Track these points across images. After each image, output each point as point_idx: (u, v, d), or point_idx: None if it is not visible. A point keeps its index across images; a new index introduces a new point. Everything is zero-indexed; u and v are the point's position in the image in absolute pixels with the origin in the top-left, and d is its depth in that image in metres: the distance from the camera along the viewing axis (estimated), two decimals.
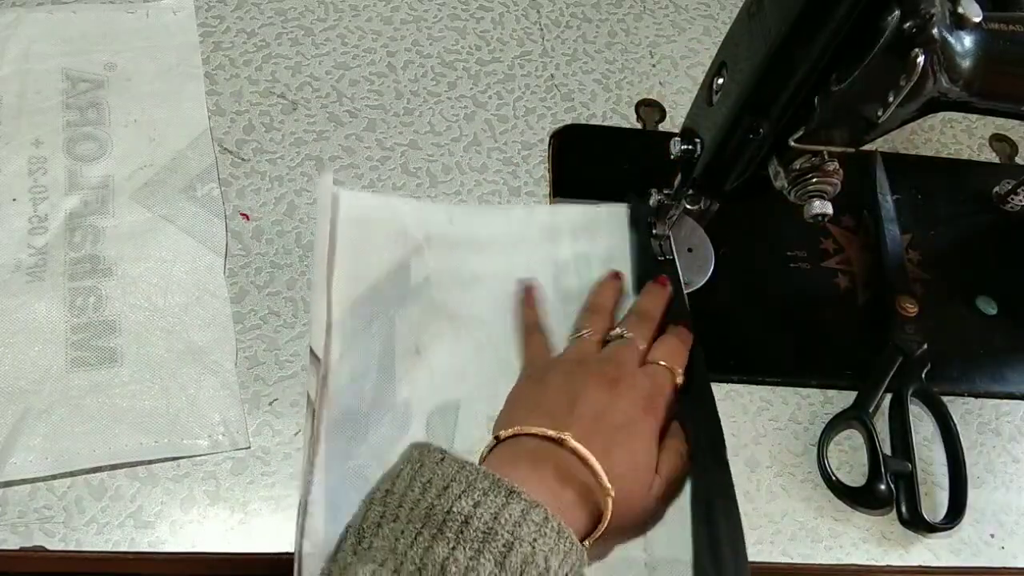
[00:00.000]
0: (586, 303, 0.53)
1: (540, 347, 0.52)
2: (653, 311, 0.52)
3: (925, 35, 0.38)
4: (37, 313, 0.51)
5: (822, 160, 0.45)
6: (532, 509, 0.38)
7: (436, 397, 0.51)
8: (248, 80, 0.63)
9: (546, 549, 0.37)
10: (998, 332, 0.58)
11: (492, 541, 0.36)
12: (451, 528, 0.37)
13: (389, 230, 0.55)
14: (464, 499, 0.38)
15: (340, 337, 0.50)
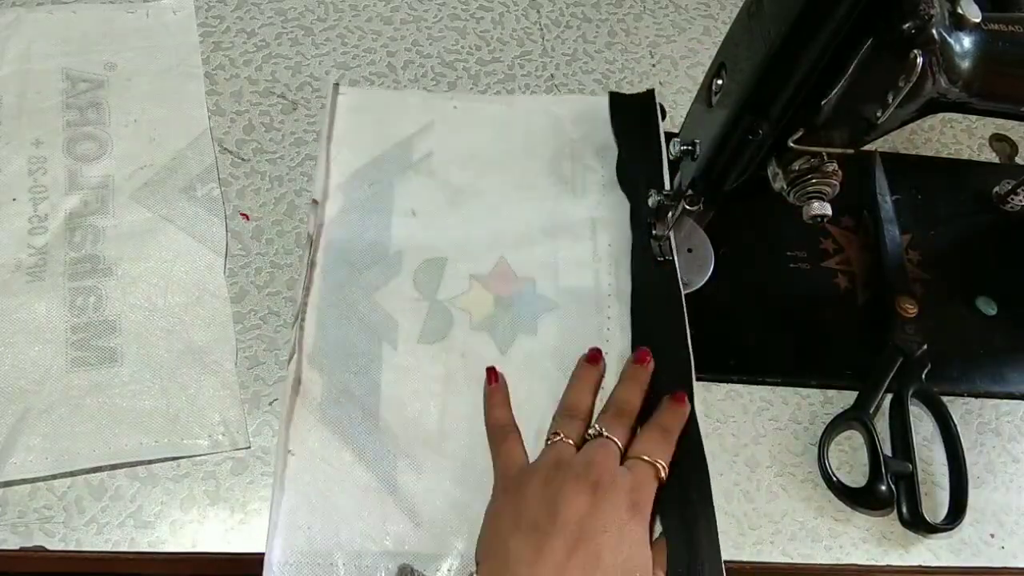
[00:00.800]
0: (563, 402, 0.50)
1: (514, 452, 0.48)
2: (631, 402, 0.49)
3: (924, 36, 0.39)
4: (37, 313, 0.51)
5: (821, 161, 0.44)
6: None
7: (425, 253, 0.56)
8: (248, 80, 0.63)
9: None
10: (998, 332, 0.58)
11: None
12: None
13: (393, 112, 0.62)
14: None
15: (341, 195, 0.58)
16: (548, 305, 0.55)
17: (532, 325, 0.54)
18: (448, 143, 0.61)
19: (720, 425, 0.52)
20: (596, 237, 0.58)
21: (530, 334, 0.54)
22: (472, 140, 0.62)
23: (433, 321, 0.54)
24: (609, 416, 0.48)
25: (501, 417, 0.50)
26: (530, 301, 0.55)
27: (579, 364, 0.52)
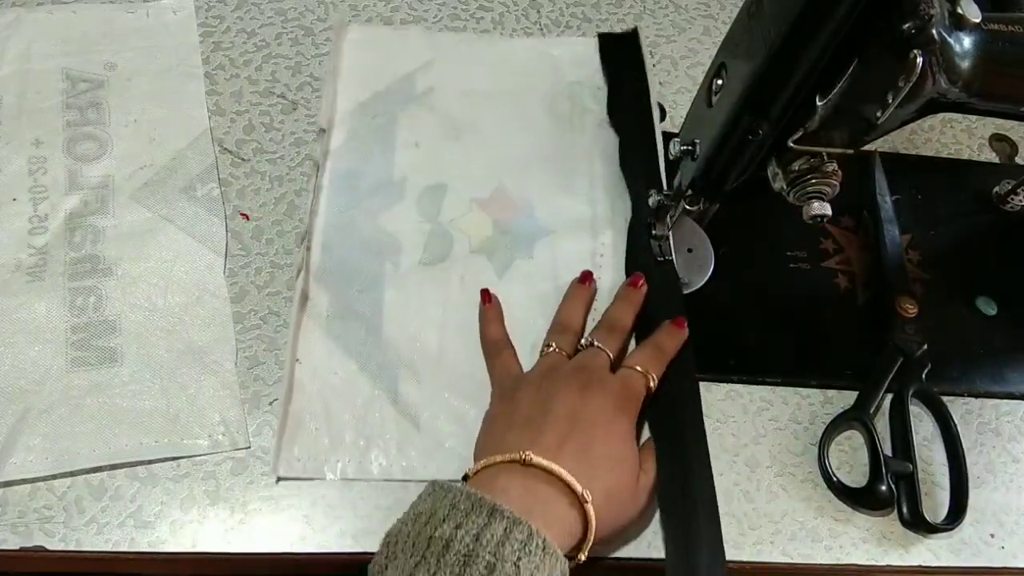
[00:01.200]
0: (555, 318, 0.53)
1: (509, 365, 0.51)
2: (623, 320, 0.52)
3: (924, 36, 0.38)
4: (37, 313, 0.51)
5: (821, 161, 0.44)
6: (515, 527, 0.38)
7: (428, 180, 0.59)
8: (248, 80, 0.63)
9: (531, 567, 0.37)
10: (998, 332, 0.58)
11: (473, 564, 0.36)
12: (432, 554, 0.37)
13: (397, 47, 0.65)
14: (447, 523, 0.38)
15: (346, 126, 0.60)
16: (544, 231, 0.58)
17: (529, 249, 0.57)
18: (448, 79, 0.64)
19: (720, 425, 0.52)
20: (592, 168, 0.61)
21: (527, 258, 0.57)
22: (472, 77, 0.64)
23: (434, 243, 0.56)
24: (601, 331, 0.51)
25: (495, 332, 0.52)
26: (527, 226, 0.58)
27: (571, 284, 0.55)
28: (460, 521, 0.38)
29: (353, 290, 0.54)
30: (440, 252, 0.56)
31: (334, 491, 0.48)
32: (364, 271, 0.55)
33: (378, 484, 0.48)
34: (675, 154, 0.49)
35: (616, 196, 0.59)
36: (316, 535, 0.46)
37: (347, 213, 0.57)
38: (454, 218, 0.57)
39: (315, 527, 0.47)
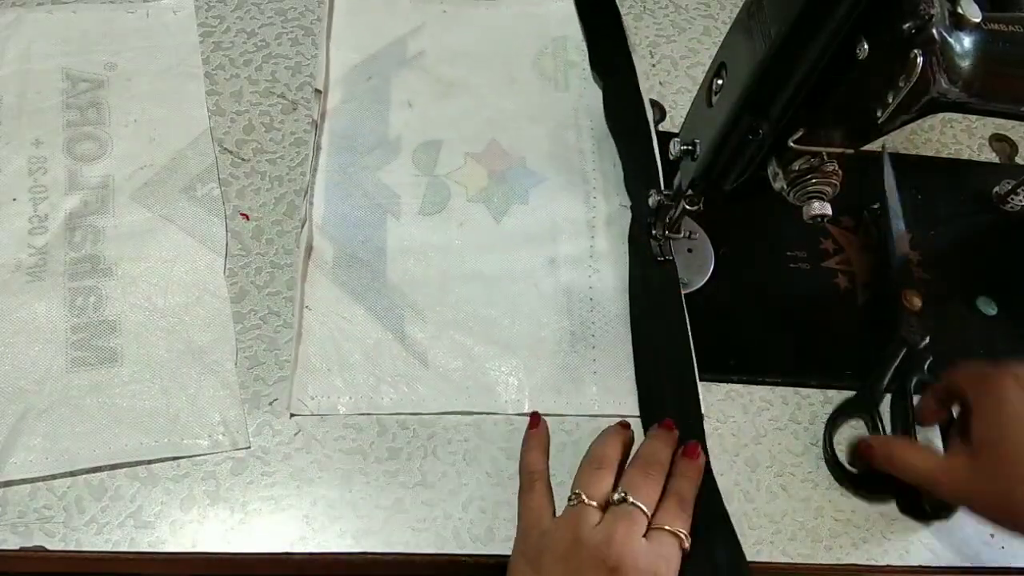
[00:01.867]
0: (589, 453, 0.48)
1: (540, 506, 0.46)
2: (659, 457, 0.47)
3: (924, 36, 0.38)
4: (37, 313, 0.51)
5: (821, 161, 0.44)
6: None
7: (423, 137, 0.61)
8: (248, 80, 0.63)
9: None
10: (998, 332, 0.58)
11: None
12: None
13: (387, 12, 0.67)
14: None
15: (341, 88, 0.63)
16: (538, 179, 0.60)
17: (524, 196, 0.60)
18: (439, 42, 0.66)
19: (720, 425, 0.52)
20: (579, 122, 0.64)
21: (522, 203, 0.59)
22: (461, 40, 0.67)
23: (432, 194, 0.59)
24: (636, 473, 0.46)
25: (535, 462, 0.48)
26: (521, 176, 0.61)
27: (608, 428, 0.50)
28: None
29: (356, 240, 0.56)
30: (438, 202, 0.59)
31: (334, 491, 0.48)
32: (366, 223, 0.57)
33: (378, 484, 0.48)
34: (675, 154, 0.49)
35: (604, 146, 0.63)
36: (316, 535, 0.46)
37: (346, 171, 0.59)
38: (450, 171, 0.60)
39: (315, 527, 0.47)
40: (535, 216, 0.59)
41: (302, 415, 0.50)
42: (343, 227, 0.56)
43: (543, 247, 0.57)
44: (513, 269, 0.56)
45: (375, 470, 0.49)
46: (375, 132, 0.61)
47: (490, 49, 0.67)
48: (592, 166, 0.61)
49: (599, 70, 0.66)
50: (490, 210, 0.59)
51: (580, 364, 0.53)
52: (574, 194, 0.60)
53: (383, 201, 0.58)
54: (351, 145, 0.60)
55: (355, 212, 0.57)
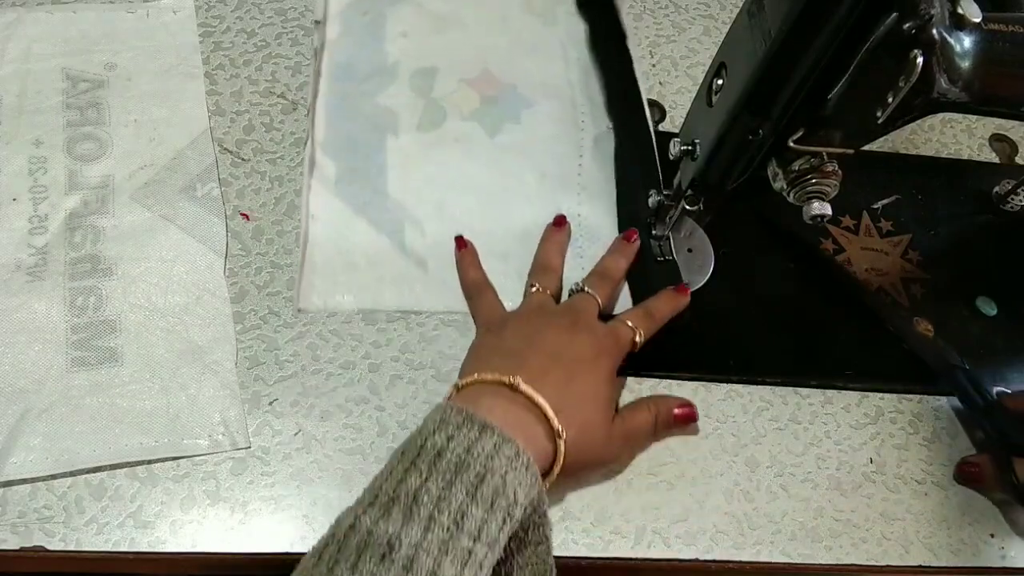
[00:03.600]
0: (535, 261, 0.55)
1: (492, 304, 0.53)
2: (615, 269, 0.54)
3: (925, 36, 0.38)
4: (37, 313, 0.51)
5: (821, 161, 0.44)
6: (504, 443, 0.39)
7: (418, 64, 0.65)
8: (248, 80, 0.63)
9: (516, 483, 0.39)
10: (998, 332, 0.58)
11: (464, 472, 0.38)
12: (424, 461, 0.38)
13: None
14: (438, 434, 0.39)
15: (339, 22, 0.66)
16: (529, 102, 0.64)
17: (516, 116, 0.63)
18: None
19: (720, 425, 0.52)
20: (567, 54, 0.67)
21: (514, 122, 0.63)
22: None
23: (429, 114, 0.62)
24: (593, 278, 0.53)
25: (474, 275, 0.55)
26: (513, 99, 0.64)
27: (547, 228, 0.57)
28: (452, 433, 0.39)
29: (357, 158, 0.59)
30: (435, 121, 0.62)
31: (334, 491, 0.48)
32: (366, 142, 0.60)
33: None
34: (675, 154, 0.49)
35: (589, 75, 0.66)
36: (316, 535, 0.46)
37: (346, 96, 0.62)
38: (445, 94, 0.63)
39: (315, 527, 0.47)
40: (526, 134, 0.62)
41: (311, 311, 0.53)
42: (344, 146, 0.59)
43: (534, 163, 0.61)
44: (507, 183, 0.59)
45: (375, 470, 0.48)
46: (372, 61, 0.64)
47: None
48: (580, 94, 0.65)
49: (583, 3, 0.70)
50: (484, 128, 0.62)
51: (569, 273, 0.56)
52: (563, 117, 0.63)
53: (382, 122, 0.61)
54: (350, 73, 0.63)
55: (356, 132, 0.60)
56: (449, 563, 0.36)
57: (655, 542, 0.48)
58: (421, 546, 0.35)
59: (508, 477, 0.38)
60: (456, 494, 0.37)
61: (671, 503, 0.49)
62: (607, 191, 0.60)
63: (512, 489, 0.38)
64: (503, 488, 0.38)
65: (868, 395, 0.55)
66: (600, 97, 0.65)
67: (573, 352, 0.46)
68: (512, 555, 0.41)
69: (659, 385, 0.53)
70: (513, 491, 0.38)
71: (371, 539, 0.36)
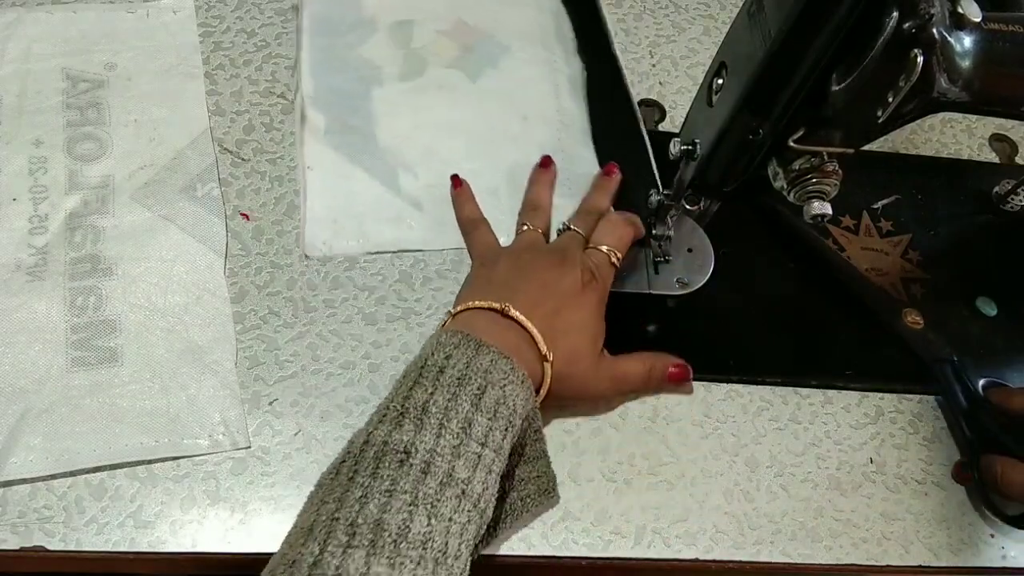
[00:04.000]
0: (524, 200, 0.57)
1: (487, 238, 0.55)
2: (600, 206, 0.56)
3: (925, 35, 0.38)
4: (37, 313, 0.51)
5: (821, 161, 0.44)
6: (500, 359, 0.42)
7: (395, 16, 0.67)
8: (248, 80, 0.63)
9: (514, 395, 0.42)
10: (998, 332, 0.58)
11: (467, 385, 0.40)
12: (427, 377, 0.41)
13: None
14: (437, 353, 0.42)
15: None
16: (505, 49, 0.66)
17: (494, 62, 0.65)
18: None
19: (720, 425, 0.52)
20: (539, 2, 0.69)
21: (493, 68, 0.65)
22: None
23: (410, 64, 0.64)
24: (579, 217, 0.55)
25: (470, 211, 0.57)
26: (489, 46, 0.66)
27: (534, 169, 0.59)
28: (450, 352, 0.42)
29: (346, 109, 0.61)
30: (417, 70, 0.64)
31: None
32: (353, 93, 0.62)
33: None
34: (675, 154, 0.49)
35: (560, 18, 0.69)
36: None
37: (329, 50, 0.64)
38: (424, 44, 0.65)
39: None
40: (506, 79, 0.64)
41: (317, 256, 0.55)
42: (332, 99, 0.61)
43: (516, 104, 0.63)
44: (492, 124, 0.62)
45: None
46: (350, 15, 0.66)
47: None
48: (552, 37, 0.68)
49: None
50: (465, 73, 0.64)
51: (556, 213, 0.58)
52: (538, 60, 0.66)
53: (367, 73, 0.63)
54: (330, 27, 0.65)
55: (342, 84, 0.62)
56: (462, 465, 0.38)
57: (655, 542, 0.48)
58: (435, 451, 0.38)
59: (507, 389, 0.41)
60: (461, 404, 0.40)
61: (671, 503, 0.49)
62: (585, 128, 0.64)
63: (512, 400, 0.41)
64: (503, 398, 0.41)
65: (868, 395, 0.55)
66: (571, 39, 0.68)
67: (562, 286, 0.48)
68: (514, 471, 0.45)
69: None
70: (513, 402, 0.42)
71: (387, 448, 0.38)
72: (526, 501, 0.46)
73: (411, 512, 0.36)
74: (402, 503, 0.36)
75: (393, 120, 0.61)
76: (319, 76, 0.62)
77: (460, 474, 0.38)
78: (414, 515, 0.36)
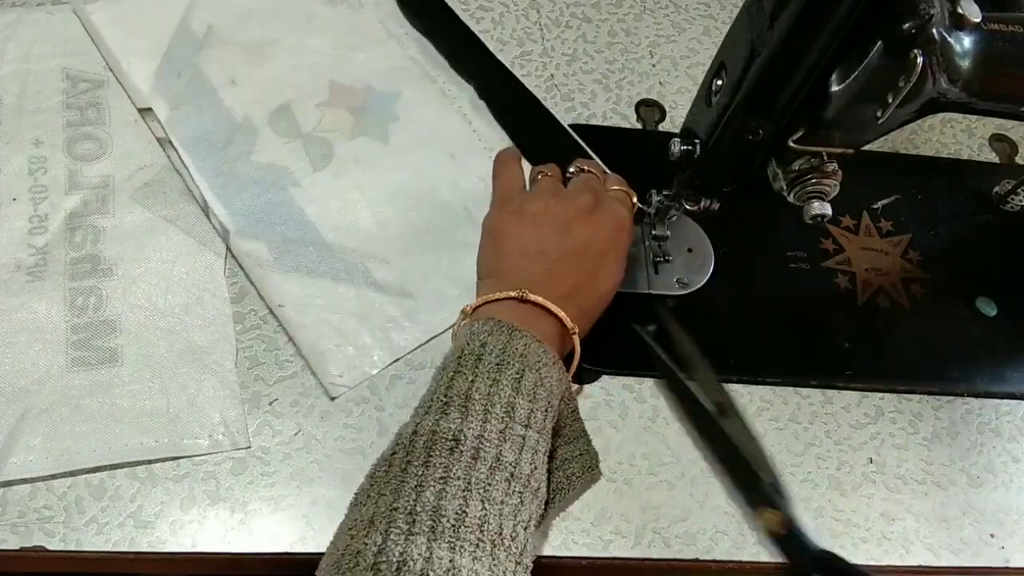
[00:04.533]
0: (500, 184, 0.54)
1: (516, 176, 0.53)
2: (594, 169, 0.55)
3: (924, 36, 0.39)
4: (37, 313, 0.51)
5: (821, 161, 0.45)
6: (533, 342, 0.43)
7: (268, 107, 0.60)
8: None
9: (551, 377, 0.43)
10: (998, 332, 0.58)
11: (506, 369, 0.41)
12: (466, 365, 0.42)
13: (151, 6, 0.64)
14: (472, 342, 0.43)
15: (160, 97, 0.59)
16: (393, 95, 0.63)
17: (391, 114, 0.62)
18: (220, 11, 0.64)
19: None
20: (390, 31, 0.66)
21: (395, 120, 0.61)
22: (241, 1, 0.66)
23: (314, 151, 0.59)
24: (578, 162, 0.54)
25: (508, 151, 0.55)
26: (378, 100, 0.62)
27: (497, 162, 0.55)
28: (484, 340, 0.43)
29: (277, 226, 0.55)
30: (324, 155, 0.59)
31: (334, 491, 0.48)
32: (274, 204, 0.56)
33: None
34: (675, 154, 0.49)
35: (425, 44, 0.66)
36: (316, 535, 0.46)
37: (221, 170, 0.57)
38: (315, 126, 0.60)
39: (315, 527, 0.47)
40: (412, 125, 0.61)
41: (341, 394, 0.50)
42: (257, 221, 0.55)
43: (437, 147, 0.60)
44: (424, 175, 0.59)
45: None
46: (221, 123, 0.59)
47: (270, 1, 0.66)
48: (429, 64, 0.65)
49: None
50: (373, 137, 0.60)
51: None
52: (431, 95, 0.63)
53: (275, 179, 0.57)
54: (208, 145, 0.58)
55: (256, 201, 0.56)
56: (508, 449, 0.40)
57: (655, 542, 0.48)
58: (484, 436, 0.39)
59: (543, 371, 0.42)
60: (503, 389, 0.41)
61: (671, 503, 0.49)
62: (508, 142, 0.61)
63: (548, 381, 0.42)
64: (541, 380, 0.42)
65: (868, 395, 0.55)
66: (443, 59, 0.65)
67: (599, 245, 0.48)
68: (556, 451, 0.46)
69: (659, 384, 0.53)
70: (550, 383, 0.43)
71: (436, 436, 0.39)
72: (572, 480, 0.46)
73: (466, 498, 0.37)
74: (456, 489, 0.37)
75: (329, 215, 0.56)
76: (230, 202, 0.55)
77: (507, 457, 0.39)
78: (469, 500, 0.37)
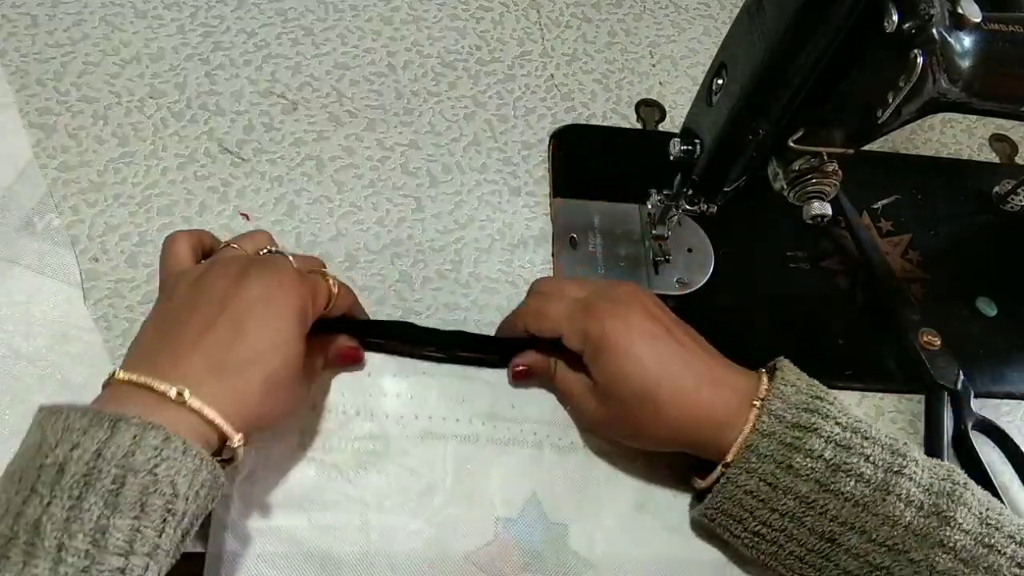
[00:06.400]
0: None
1: (179, 258, 0.45)
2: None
3: (925, 35, 0.38)
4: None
5: (821, 161, 0.45)
6: (146, 433, 0.34)
7: None
8: (248, 80, 0.63)
9: (171, 472, 0.34)
10: (998, 332, 0.58)
11: (96, 482, 0.33)
12: (44, 484, 0.33)
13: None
14: (59, 448, 0.34)
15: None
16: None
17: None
18: None
19: None
20: None
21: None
22: None
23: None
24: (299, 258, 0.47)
25: (179, 235, 0.46)
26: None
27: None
28: (76, 441, 0.34)
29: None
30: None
31: None
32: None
33: None
34: (675, 154, 0.49)
35: None
36: None
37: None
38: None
39: None
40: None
41: None
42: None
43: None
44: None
45: None
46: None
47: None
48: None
49: None
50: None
51: None
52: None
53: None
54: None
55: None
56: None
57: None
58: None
59: (158, 470, 0.34)
60: (90, 510, 0.32)
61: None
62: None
63: (167, 482, 0.34)
64: (154, 484, 0.34)
65: (868, 395, 0.55)
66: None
67: (242, 298, 0.40)
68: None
69: None
70: (170, 483, 0.34)
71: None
72: None
73: None
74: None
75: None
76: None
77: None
78: None
